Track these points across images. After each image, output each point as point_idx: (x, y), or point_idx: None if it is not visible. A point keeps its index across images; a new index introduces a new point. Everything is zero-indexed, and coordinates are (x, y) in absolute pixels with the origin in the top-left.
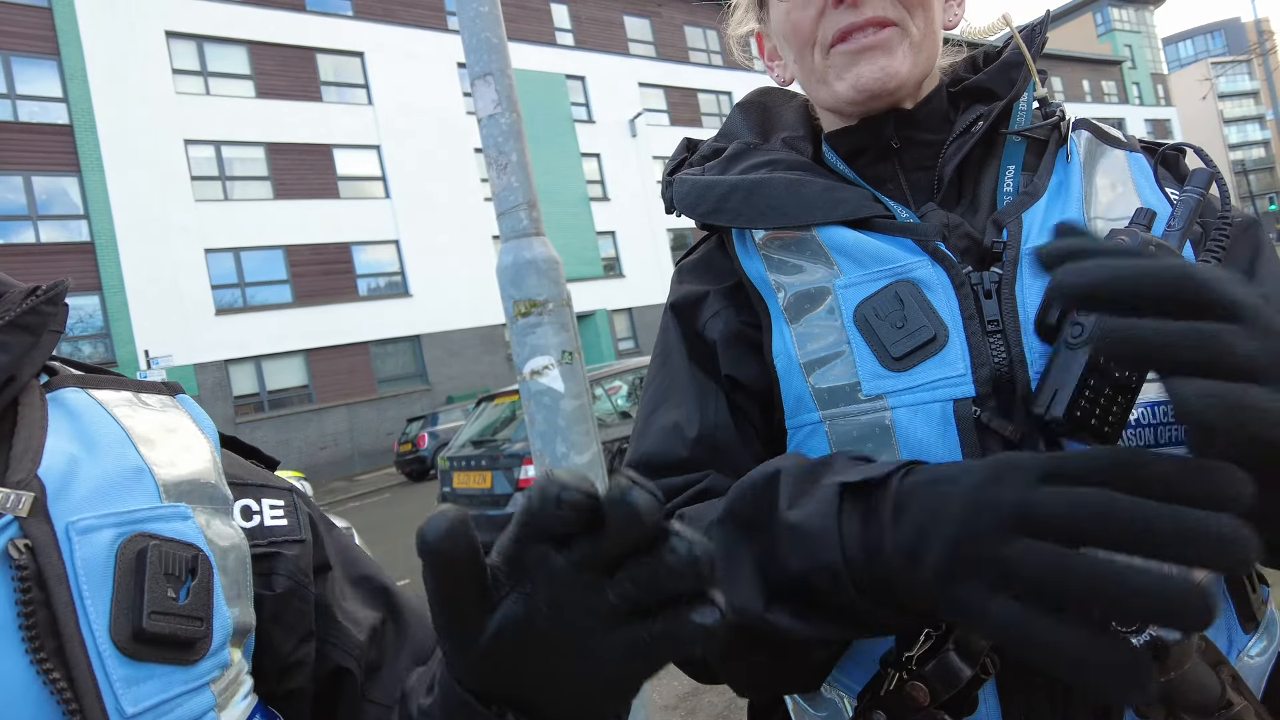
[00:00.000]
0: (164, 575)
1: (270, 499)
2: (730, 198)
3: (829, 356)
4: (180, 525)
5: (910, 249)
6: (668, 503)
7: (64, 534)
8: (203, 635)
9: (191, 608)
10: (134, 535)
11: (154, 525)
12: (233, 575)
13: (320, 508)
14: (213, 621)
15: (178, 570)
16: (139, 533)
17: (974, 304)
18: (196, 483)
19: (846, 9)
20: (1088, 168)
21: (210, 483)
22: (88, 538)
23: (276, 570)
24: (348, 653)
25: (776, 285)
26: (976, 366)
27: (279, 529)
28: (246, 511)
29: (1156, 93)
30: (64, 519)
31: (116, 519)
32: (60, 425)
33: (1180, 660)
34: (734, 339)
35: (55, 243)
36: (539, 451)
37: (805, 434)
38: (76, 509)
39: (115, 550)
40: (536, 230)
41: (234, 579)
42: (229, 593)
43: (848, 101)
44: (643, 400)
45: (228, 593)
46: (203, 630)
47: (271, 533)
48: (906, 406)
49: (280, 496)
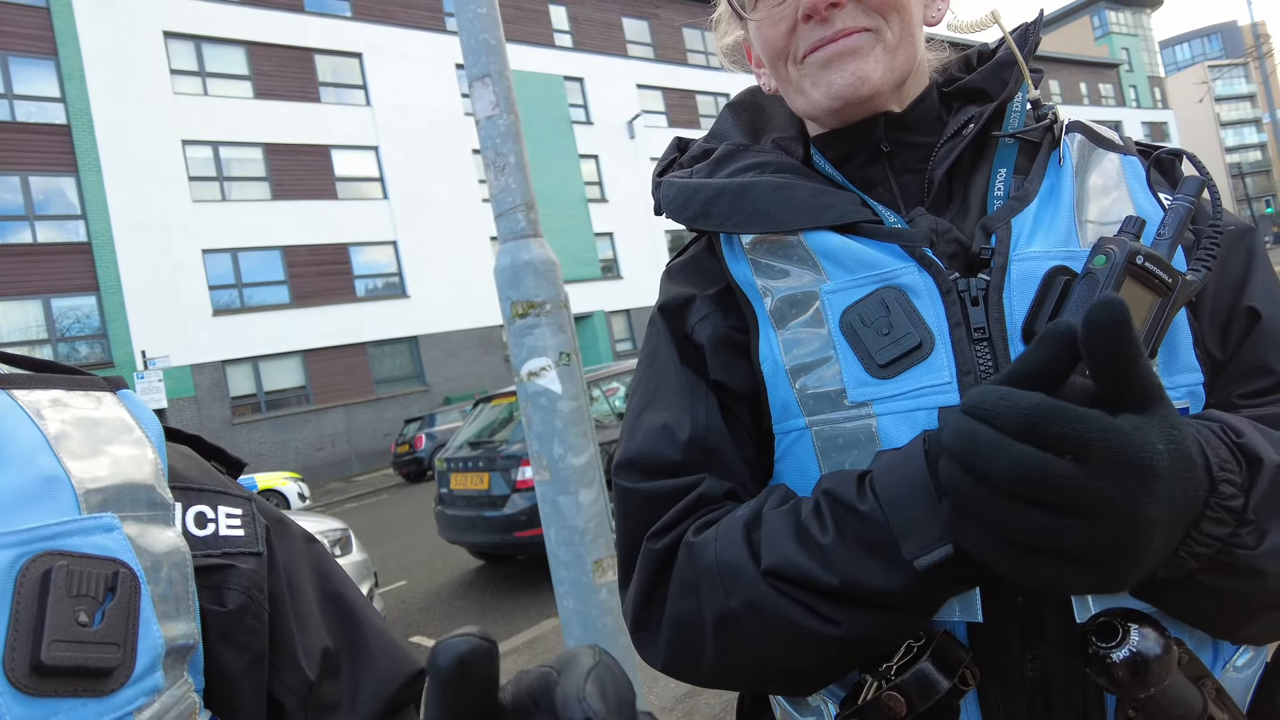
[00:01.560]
0: (71, 598)
1: (228, 507)
2: (717, 201)
3: (815, 362)
4: (100, 539)
5: (897, 255)
6: (664, 509)
7: None
8: (119, 662)
9: (106, 632)
10: (39, 555)
11: (65, 541)
12: (169, 588)
13: (317, 509)
14: (136, 644)
15: (92, 590)
16: (45, 551)
17: (961, 311)
18: (128, 487)
19: (816, 24)
20: (1080, 171)
21: (145, 485)
22: None
23: (229, 584)
24: (287, 686)
25: (763, 290)
26: (962, 374)
27: (234, 539)
28: (200, 519)
29: (1154, 95)
30: None
31: (18, 538)
32: None
33: (1161, 675)
34: (722, 344)
35: (52, 243)
36: (536, 453)
37: (792, 440)
38: None
39: (15, 574)
40: (534, 232)
41: (171, 592)
42: (162, 608)
43: (825, 110)
44: (631, 400)
45: (161, 608)
46: (118, 657)
47: (226, 543)
48: (891, 414)
49: (238, 505)
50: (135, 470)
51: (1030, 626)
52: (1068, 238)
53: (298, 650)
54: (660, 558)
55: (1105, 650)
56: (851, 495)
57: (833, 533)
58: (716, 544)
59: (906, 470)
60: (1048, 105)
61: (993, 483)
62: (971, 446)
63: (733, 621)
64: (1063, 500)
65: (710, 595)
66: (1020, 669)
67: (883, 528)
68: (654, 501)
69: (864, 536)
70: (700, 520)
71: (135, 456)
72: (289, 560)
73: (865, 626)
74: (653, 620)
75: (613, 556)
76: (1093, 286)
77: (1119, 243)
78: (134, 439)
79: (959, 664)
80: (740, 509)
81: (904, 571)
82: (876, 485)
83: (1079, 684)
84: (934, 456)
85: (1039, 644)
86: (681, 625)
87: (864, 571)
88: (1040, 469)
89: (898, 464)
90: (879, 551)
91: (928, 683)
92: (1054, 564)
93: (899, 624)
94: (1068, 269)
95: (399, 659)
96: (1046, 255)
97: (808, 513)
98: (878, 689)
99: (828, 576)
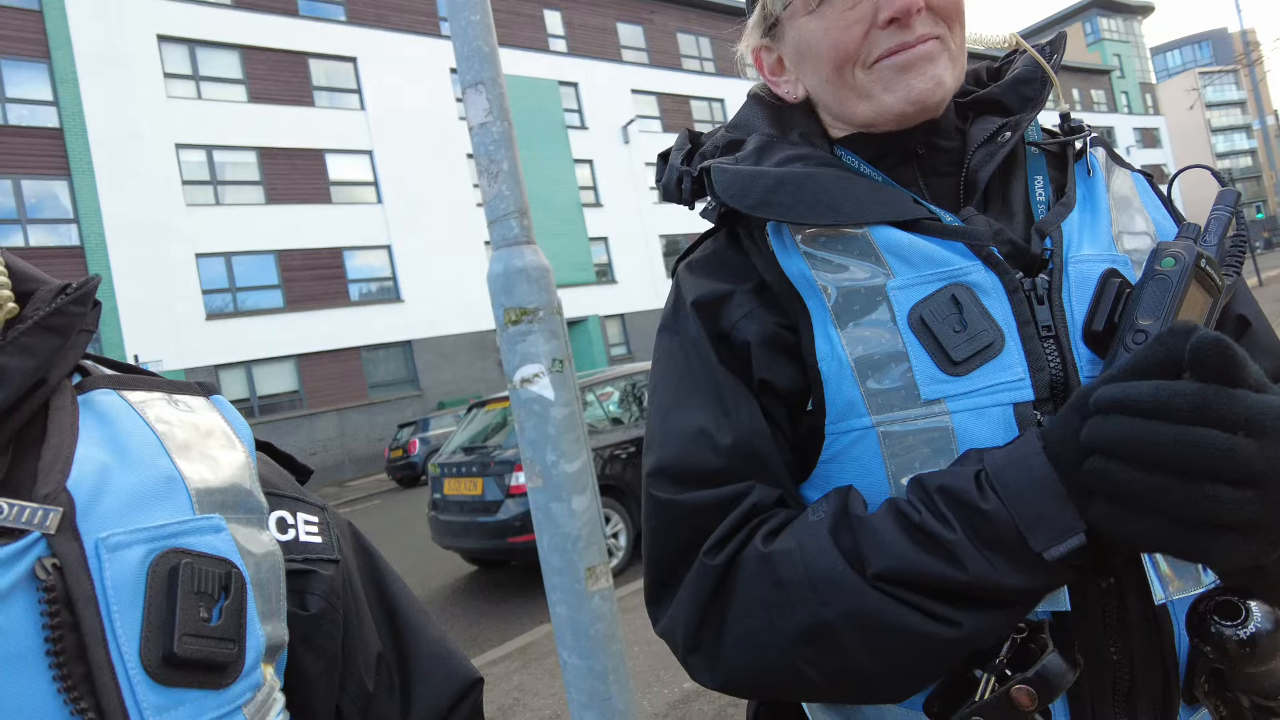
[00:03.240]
0: (196, 594)
1: (305, 513)
2: (779, 190)
3: (883, 359)
4: (213, 539)
5: (963, 253)
6: (713, 521)
7: (93, 551)
8: (235, 657)
9: (224, 628)
10: (166, 551)
11: (187, 539)
12: (266, 590)
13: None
14: (245, 642)
15: (210, 588)
16: (171, 548)
17: (1028, 309)
18: (231, 491)
19: (898, 29)
20: (1107, 183)
21: (244, 489)
22: (118, 555)
23: (311, 589)
24: (349, 695)
25: (821, 285)
26: (1034, 371)
27: (314, 545)
28: (281, 524)
29: (1145, 102)
30: (94, 535)
31: (148, 534)
32: (91, 431)
33: (1271, 651)
34: (769, 341)
35: (44, 246)
36: (529, 459)
37: (851, 440)
38: (107, 524)
39: (147, 568)
40: (527, 238)
41: (268, 594)
42: (262, 609)
43: (895, 115)
44: (655, 401)
45: (261, 609)
46: (235, 652)
47: (307, 549)
48: (967, 410)
49: (314, 513)
50: (234, 474)
51: (1113, 613)
52: (1110, 243)
53: (359, 660)
54: (720, 573)
55: (1230, 628)
56: (972, 493)
57: (960, 530)
58: (802, 553)
59: (1026, 465)
60: (1077, 119)
61: (1175, 470)
62: (1145, 439)
63: (826, 633)
64: (1245, 474)
65: (798, 607)
66: (1106, 655)
67: (1009, 524)
68: (699, 513)
69: (988, 534)
70: (765, 530)
71: (233, 460)
72: (351, 567)
73: (984, 624)
74: (712, 639)
75: (605, 563)
76: (1165, 285)
77: (1186, 246)
78: (230, 443)
79: (1073, 650)
80: (812, 514)
81: (1033, 565)
82: (996, 483)
83: (1159, 665)
84: (1053, 447)
85: (1122, 629)
86: (755, 640)
87: (993, 567)
88: (1227, 448)
89: (1014, 460)
90: (1006, 548)
91: (1059, 673)
92: (1229, 537)
93: (1015, 618)
94: (1118, 271)
95: (454, 670)
96: (1098, 258)
97: (924, 513)
98: (994, 685)
99: (957, 573)
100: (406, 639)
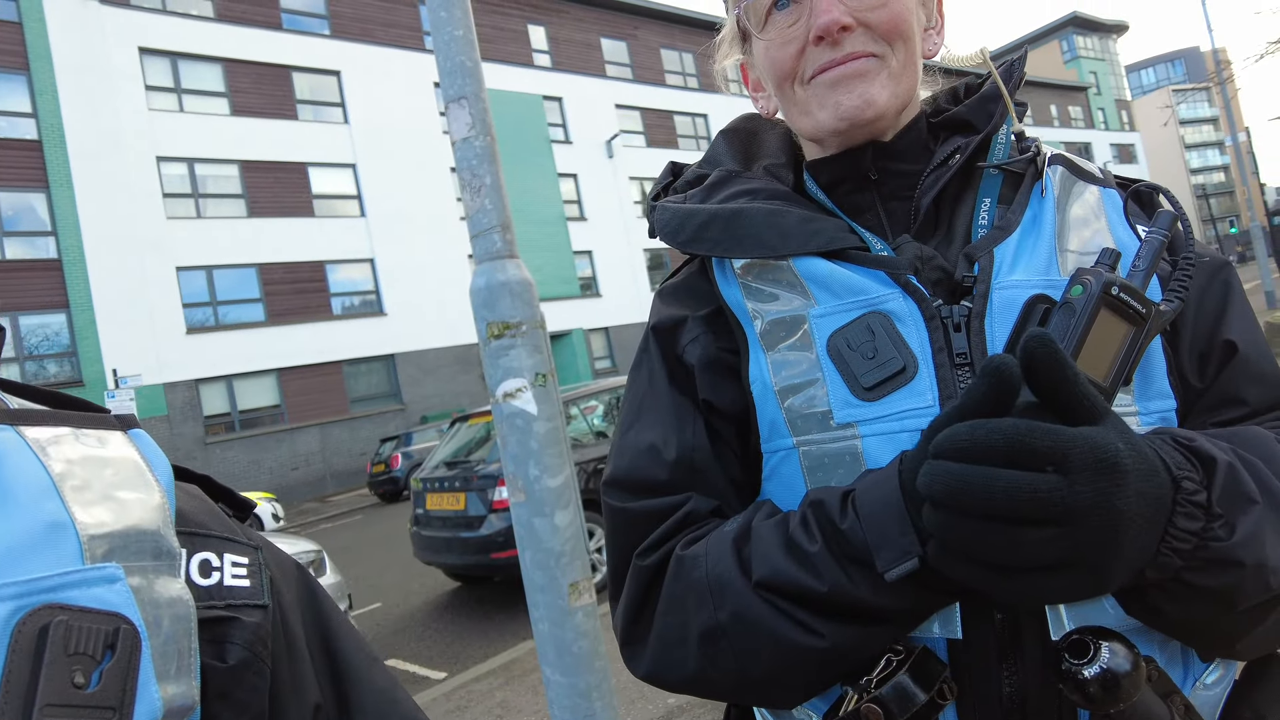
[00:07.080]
0: (70, 656)
1: (234, 554)
2: (710, 226)
3: (802, 384)
4: (103, 591)
5: (883, 281)
6: (652, 526)
7: None
8: None
9: (103, 694)
10: (38, 608)
11: (67, 594)
12: (171, 645)
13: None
14: (134, 707)
15: (91, 648)
16: (44, 604)
17: (944, 337)
18: (135, 535)
19: (827, 46)
20: (1061, 202)
21: (152, 532)
22: None
23: (231, 638)
24: None
25: (754, 313)
26: (944, 398)
27: (239, 590)
28: (205, 567)
29: (1121, 118)
30: None
31: (17, 589)
32: None
33: (1130, 691)
34: (711, 364)
35: (21, 259)
36: (512, 474)
37: (780, 459)
38: None
39: (11, 629)
40: (510, 253)
41: (172, 649)
42: (163, 667)
43: (830, 130)
44: (621, 416)
45: (161, 667)
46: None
47: (231, 594)
48: (876, 435)
49: (245, 553)
50: (142, 516)
51: (1008, 644)
52: (1048, 267)
53: (292, 713)
54: (649, 573)
55: (1077, 667)
56: (835, 511)
57: (820, 542)
58: (707, 558)
59: (882, 490)
60: (1031, 139)
61: (981, 515)
62: (957, 487)
63: (720, 633)
64: (1050, 513)
65: (699, 608)
66: (998, 685)
67: (861, 543)
68: (642, 519)
69: (845, 550)
70: (689, 536)
71: (143, 500)
72: (289, 611)
73: (847, 638)
74: (642, 635)
75: (588, 579)
76: (1070, 315)
77: (1095, 274)
78: (143, 481)
79: (936, 678)
80: (728, 525)
81: (880, 583)
82: (857, 503)
83: (1054, 701)
84: (905, 476)
85: (1016, 661)
86: (668, 637)
87: (849, 580)
88: (1031, 489)
89: (876, 484)
90: (859, 565)
91: (905, 695)
92: (1043, 577)
93: (879, 637)
94: (1048, 297)
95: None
96: (1027, 284)
97: (796, 525)
98: (857, 701)
99: (817, 584)
100: (349, 688)
